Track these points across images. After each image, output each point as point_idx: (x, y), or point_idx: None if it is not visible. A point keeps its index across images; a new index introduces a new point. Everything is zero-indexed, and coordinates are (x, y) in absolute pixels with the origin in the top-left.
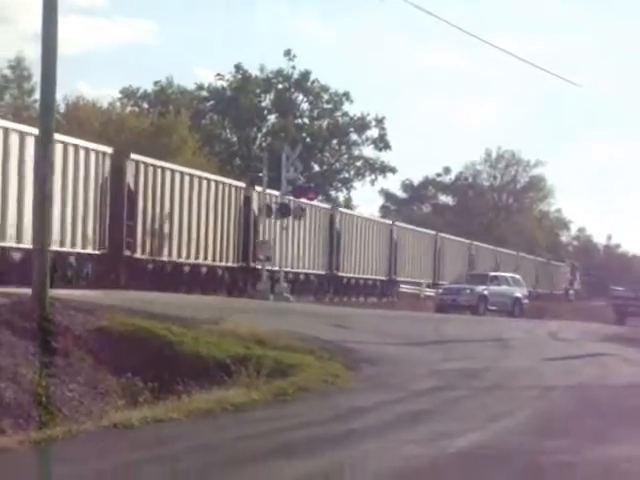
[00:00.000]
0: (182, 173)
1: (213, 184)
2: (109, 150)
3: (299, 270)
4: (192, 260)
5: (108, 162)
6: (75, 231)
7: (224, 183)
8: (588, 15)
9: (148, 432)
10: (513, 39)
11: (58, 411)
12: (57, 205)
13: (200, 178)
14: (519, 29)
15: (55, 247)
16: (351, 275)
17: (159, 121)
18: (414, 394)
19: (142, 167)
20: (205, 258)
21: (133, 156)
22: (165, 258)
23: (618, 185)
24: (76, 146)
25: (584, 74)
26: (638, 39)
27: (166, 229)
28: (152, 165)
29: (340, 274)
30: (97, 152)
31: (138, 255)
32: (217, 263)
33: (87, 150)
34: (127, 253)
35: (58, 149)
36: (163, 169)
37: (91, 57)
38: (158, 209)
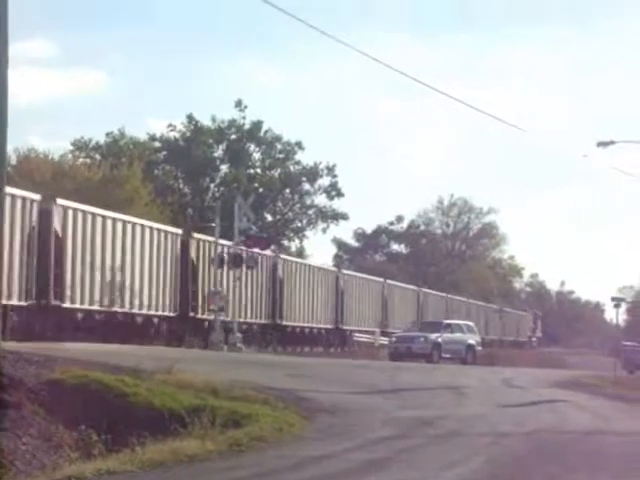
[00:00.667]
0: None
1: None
2: (179, 231)
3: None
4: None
5: (179, 241)
6: (158, 297)
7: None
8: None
9: None
10: (463, 88)
11: (11, 464)
12: (137, 276)
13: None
14: (466, 75)
15: (141, 310)
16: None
17: (111, 173)
18: (369, 443)
19: (201, 244)
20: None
21: (195, 235)
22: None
23: (571, 231)
24: (154, 229)
25: (530, 120)
26: (580, 86)
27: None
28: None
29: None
30: (167, 232)
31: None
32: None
33: (159, 231)
34: (192, 314)
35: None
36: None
37: (41, 109)
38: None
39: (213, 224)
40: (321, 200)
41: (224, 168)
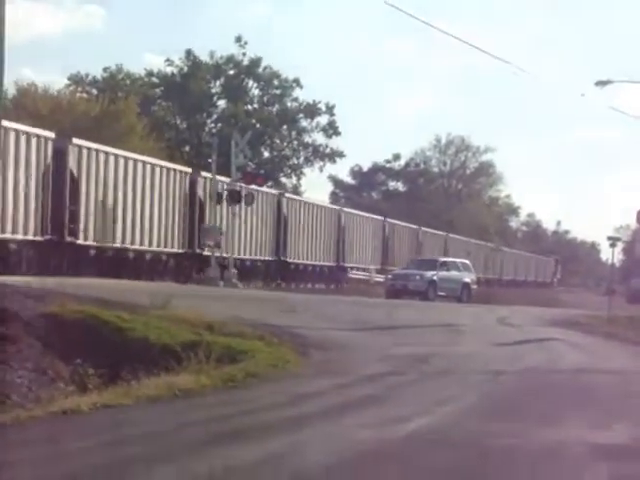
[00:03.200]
0: None
1: None
2: (189, 170)
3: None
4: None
5: (187, 179)
6: (167, 234)
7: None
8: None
9: (97, 418)
10: (462, 27)
11: (6, 397)
12: (147, 213)
13: None
14: (468, 18)
15: (150, 246)
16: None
17: (107, 107)
18: (364, 379)
19: (208, 182)
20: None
21: (203, 174)
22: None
23: (567, 171)
24: (164, 168)
25: (532, 62)
26: (583, 30)
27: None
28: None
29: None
30: (176, 171)
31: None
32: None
33: (169, 170)
34: (198, 251)
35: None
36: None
37: (38, 43)
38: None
39: (210, 160)
40: (318, 138)
41: (221, 104)
